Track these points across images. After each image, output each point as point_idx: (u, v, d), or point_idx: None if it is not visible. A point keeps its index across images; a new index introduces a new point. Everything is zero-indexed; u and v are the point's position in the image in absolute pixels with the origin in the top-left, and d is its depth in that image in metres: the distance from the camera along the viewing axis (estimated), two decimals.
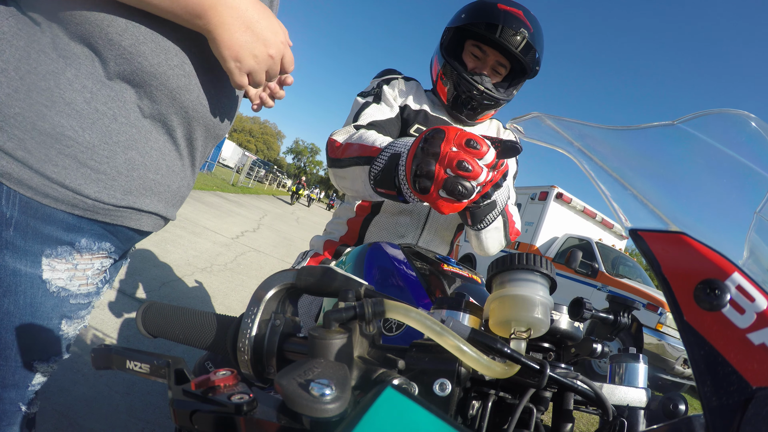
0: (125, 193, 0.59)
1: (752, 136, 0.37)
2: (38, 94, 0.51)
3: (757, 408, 0.25)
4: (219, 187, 12.89)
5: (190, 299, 3.04)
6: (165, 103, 0.59)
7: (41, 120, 0.51)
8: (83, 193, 0.55)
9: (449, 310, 0.43)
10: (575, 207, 7.71)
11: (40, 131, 0.51)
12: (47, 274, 0.57)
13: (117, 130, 0.56)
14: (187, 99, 0.60)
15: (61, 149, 0.53)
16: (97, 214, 0.58)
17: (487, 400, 0.39)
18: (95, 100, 0.54)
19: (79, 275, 0.61)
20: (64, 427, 1.42)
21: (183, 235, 4.63)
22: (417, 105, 1.17)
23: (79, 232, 0.58)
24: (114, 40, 0.53)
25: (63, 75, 0.52)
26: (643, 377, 0.49)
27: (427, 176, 0.57)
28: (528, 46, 1.05)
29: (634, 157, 0.42)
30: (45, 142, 0.52)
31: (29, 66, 0.51)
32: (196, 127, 0.64)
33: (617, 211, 0.36)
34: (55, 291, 0.58)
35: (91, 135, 0.54)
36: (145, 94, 0.57)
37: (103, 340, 2.05)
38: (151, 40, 0.55)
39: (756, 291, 0.27)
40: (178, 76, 0.58)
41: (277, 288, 0.42)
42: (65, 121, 0.52)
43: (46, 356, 0.62)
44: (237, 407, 0.38)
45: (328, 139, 0.95)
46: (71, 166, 0.54)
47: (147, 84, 0.56)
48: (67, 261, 0.58)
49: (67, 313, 0.62)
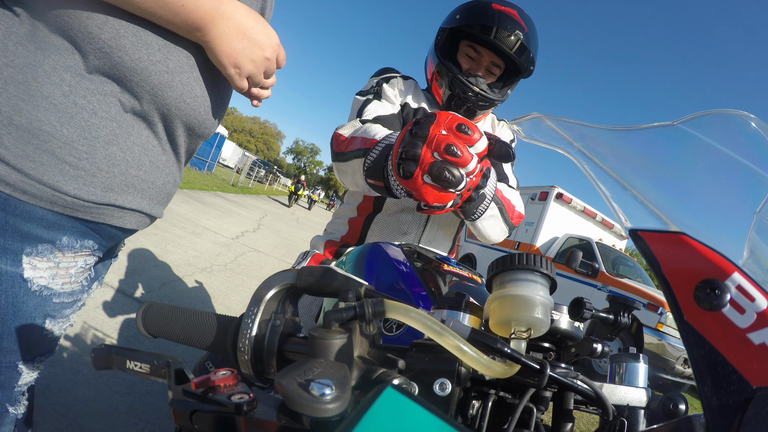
0: (106, 189, 0.58)
1: (752, 136, 0.37)
2: (15, 87, 0.49)
3: (757, 408, 0.25)
4: (219, 187, 12.89)
5: (190, 299, 3.04)
6: (146, 99, 0.57)
7: (18, 114, 0.50)
8: (62, 190, 0.54)
9: (449, 310, 0.43)
10: (575, 207, 7.71)
11: (17, 126, 0.50)
12: (28, 273, 0.56)
13: (97, 124, 0.54)
14: (169, 96, 0.58)
15: (39, 145, 0.51)
16: (77, 211, 0.57)
17: (487, 399, 0.39)
18: (74, 93, 0.52)
19: (62, 273, 0.60)
20: (63, 428, 1.42)
21: (183, 235, 4.63)
22: (416, 103, 1.18)
23: (60, 229, 0.57)
24: (93, 33, 0.51)
25: (40, 67, 0.50)
26: (643, 377, 0.49)
27: (413, 159, 0.53)
28: (522, 47, 1.05)
29: (634, 157, 0.42)
30: (22, 138, 0.50)
31: (5, 58, 0.49)
32: (177, 124, 0.63)
33: (617, 211, 0.36)
34: (37, 290, 0.57)
35: (69, 130, 0.53)
36: (125, 89, 0.56)
37: (103, 340, 2.05)
38: (133, 34, 0.54)
39: (756, 291, 0.27)
40: (160, 72, 0.56)
41: (278, 288, 0.42)
42: (42, 115, 0.51)
43: (30, 356, 0.61)
44: (237, 407, 0.38)
45: (333, 134, 0.94)
46: (49, 162, 0.52)
47: (127, 79, 0.55)
48: (49, 259, 0.57)
49: (51, 312, 0.61)
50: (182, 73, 0.59)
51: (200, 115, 0.64)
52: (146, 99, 0.57)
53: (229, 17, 0.56)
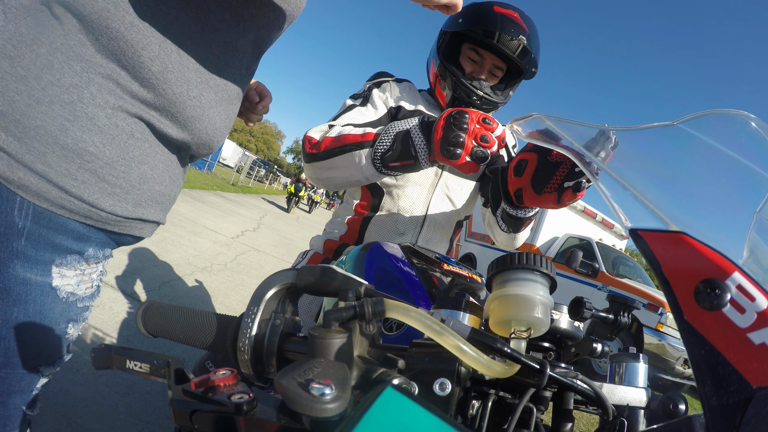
0: (135, 205, 0.61)
1: (752, 136, 0.37)
2: (61, 107, 0.50)
3: (757, 408, 0.25)
4: (219, 187, 12.90)
5: (190, 299, 3.04)
6: (177, 127, 0.61)
7: (63, 135, 0.51)
8: (99, 206, 0.56)
9: (449, 310, 0.43)
10: (576, 207, 7.70)
11: (62, 146, 0.51)
12: (57, 281, 0.57)
13: (133, 145, 0.57)
14: (197, 127, 0.63)
15: (82, 164, 0.53)
16: (107, 224, 0.59)
17: (487, 399, 0.39)
18: (116, 116, 0.54)
19: (86, 280, 0.62)
20: (63, 428, 1.42)
21: (183, 234, 4.63)
22: (412, 105, 1.18)
23: (88, 241, 0.59)
24: (145, 63, 0.54)
25: (86, 89, 0.52)
26: (643, 377, 0.49)
27: (458, 145, 0.74)
28: (525, 50, 1.06)
29: (634, 157, 0.42)
30: (66, 157, 0.52)
31: (51, 77, 0.50)
32: (196, 148, 0.68)
33: (617, 211, 0.36)
34: (64, 297, 0.59)
35: (111, 150, 0.55)
36: (163, 116, 0.59)
37: (103, 339, 2.05)
38: (178, 70, 0.57)
39: (756, 290, 0.27)
40: (194, 106, 0.61)
41: (277, 287, 0.42)
42: (87, 136, 0.52)
43: (51, 360, 0.63)
44: (237, 407, 0.38)
45: (305, 137, 1.00)
46: (90, 181, 0.54)
47: (165, 109, 0.58)
48: (76, 269, 0.59)
49: (73, 317, 0.62)
50: (210, 108, 0.64)
51: (214, 143, 0.70)
52: (178, 127, 0.61)
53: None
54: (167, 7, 0.54)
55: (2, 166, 0.50)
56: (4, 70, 0.49)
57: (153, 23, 0.53)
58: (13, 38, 0.49)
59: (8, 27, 0.49)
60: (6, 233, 0.52)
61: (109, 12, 0.51)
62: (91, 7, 0.50)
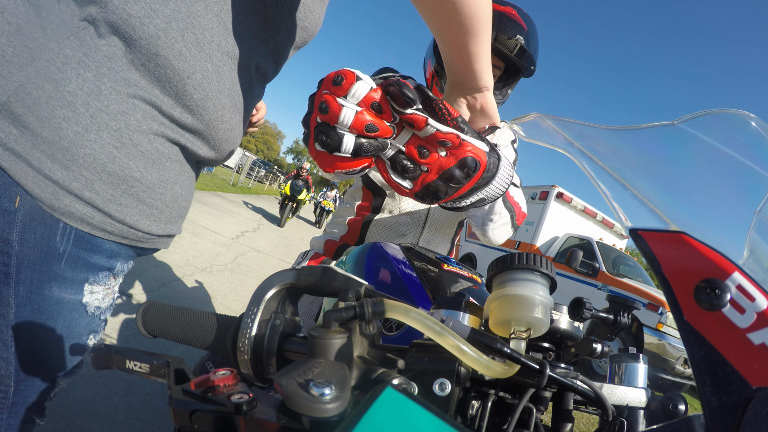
0: (167, 222, 0.62)
1: (752, 136, 0.37)
2: (109, 134, 0.50)
3: (757, 408, 0.25)
4: (219, 187, 12.88)
5: (190, 299, 3.04)
6: (206, 149, 0.63)
7: (111, 162, 0.51)
8: (138, 228, 0.57)
9: (449, 310, 0.43)
10: (576, 206, 7.71)
11: (109, 173, 0.51)
12: (87, 298, 0.58)
13: (170, 168, 0.58)
14: (224, 148, 0.66)
15: (126, 189, 0.53)
16: (139, 242, 0.60)
17: (487, 400, 0.39)
18: (157, 141, 0.55)
19: (110, 292, 0.63)
20: (62, 428, 1.42)
21: (183, 235, 4.62)
22: None
23: (117, 257, 0.59)
24: (188, 91, 0.54)
25: (133, 116, 0.51)
26: (643, 377, 0.49)
27: (308, 126, 0.50)
28: (522, 49, 1.05)
29: (634, 157, 0.42)
30: (113, 184, 0.52)
31: (100, 103, 0.49)
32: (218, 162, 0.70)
33: (617, 211, 0.36)
34: (92, 312, 0.60)
35: (152, 174, 0.56)
36: (197, 139, 0.60)
37: (103, 340, 2.05)
38: (216, 98, 0.58)
39: (756, 290, 0.27)
40: (225, 129, 0.63)
41: (277, 288, 0.42)
42: (132, 162, 0.53)
43: (70, 371, 0.63)
44: (237, 407, 0.38)
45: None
46: (131, 204, 0.55)
47: (200, 132, 0.59)
48: (105, 284, 0.60)
49: (95, 328, 0.63)
50: (235, 129, 0.66)
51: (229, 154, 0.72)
52: (209, 148, 0.63)
53: None
54: (210, 35, 0.55)
55: (48, 194, 0.49)
56: (48, 94, 0.46)
57: (198, 52, 0.54)
58: (56, 60, 0.47)
59: (50, 46, 0.46)
60: (47, 258, 0.51)
61: (160, 39, 0.50)
62: (142, 32, 0.49)
